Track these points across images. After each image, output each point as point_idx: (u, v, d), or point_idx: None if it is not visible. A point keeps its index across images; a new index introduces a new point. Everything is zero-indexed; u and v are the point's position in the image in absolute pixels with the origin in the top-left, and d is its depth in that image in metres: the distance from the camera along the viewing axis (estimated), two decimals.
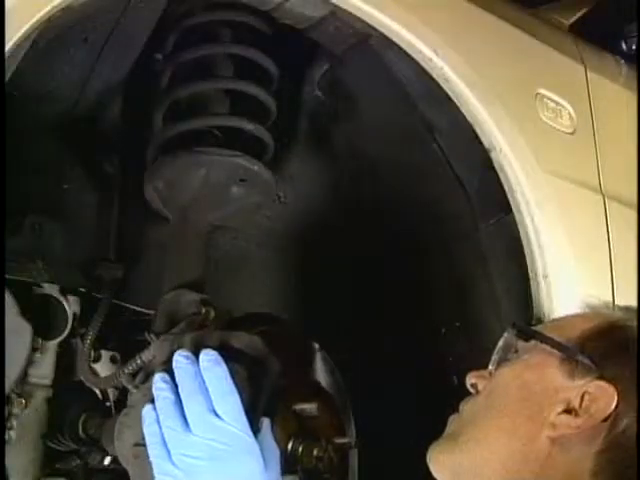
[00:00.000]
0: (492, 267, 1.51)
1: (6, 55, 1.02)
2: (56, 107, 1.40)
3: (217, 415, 0.96)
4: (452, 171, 1.51)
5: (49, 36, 1.14)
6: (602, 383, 0.98)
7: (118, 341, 1.53)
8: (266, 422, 1.02)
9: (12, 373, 1.30)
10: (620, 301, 1.49)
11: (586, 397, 0.98)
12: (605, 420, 0.97)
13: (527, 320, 1.41)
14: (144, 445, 0.99)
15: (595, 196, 1.56)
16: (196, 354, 1.01)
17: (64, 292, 1.43)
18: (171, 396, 0.98)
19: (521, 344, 1.08)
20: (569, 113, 1.58)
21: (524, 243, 1.44)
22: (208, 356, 1.00)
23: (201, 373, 0.99)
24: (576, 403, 0.98)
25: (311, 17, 1.37)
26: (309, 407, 1.10)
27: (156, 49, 1.45)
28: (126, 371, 1.21)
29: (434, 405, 1.24)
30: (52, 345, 1.42)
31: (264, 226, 1.71)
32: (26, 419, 1.38)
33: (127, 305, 1.50)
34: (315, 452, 1.11)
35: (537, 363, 1.04)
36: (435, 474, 1.09)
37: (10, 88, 1.07)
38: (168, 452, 0.95)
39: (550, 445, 0.98)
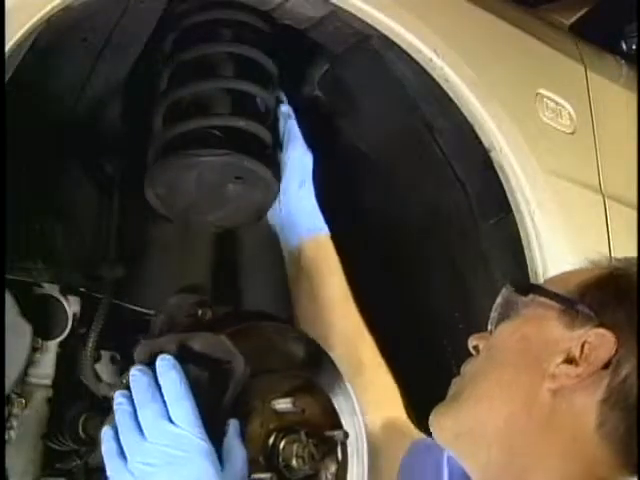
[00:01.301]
0: (492, 267, 1.51)
1: (6, 55, 1.02)
2: (56, 107, 1.40)
3: (171, 421, 0.97)
4: (452, 171, 1.51)
5: (49, 36, 1.14)
6: (602, 330, 0.96)
7: (118, 341, 1.52)
8: (232, 423, 1.01)
9: (12, 373, 1.30)
10: None
11: (586, 346, 0.96)
12: (606, 367, 0.95)
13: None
14: None
15: (595, 196, 1.57)
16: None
17: (64, 292, 1.43)
18: (129, 409, 0.99)
19: (520, 300, 1.06)
20: (569, 113, 1.59)
21: (524, 243, 1.44)
22: (163, 361, 1.01)
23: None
24: (576, 352, 0.97)
25: (311, 17, 1.37)
26: (285, 403, 1.10)
27: (156, 49, 1.45)
28: (124, 381, 1.21)
29: (434, 405, 1.24)
30: (52, 345, 1.42)
31: (264, 226, 1.71)
32: (26, 419, 1.38)
33: (127, 305, 1.50)
34: (295, 448, 1.11)
35: (536, 316, 1.03)
36: (437, 438, 1.07)
37: (10, 88, 1.08)
38: (125, 462, 0.96)
39: (552, 398, 0.97)
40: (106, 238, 1.47)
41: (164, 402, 0.98)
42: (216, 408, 1.02)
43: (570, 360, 0.97)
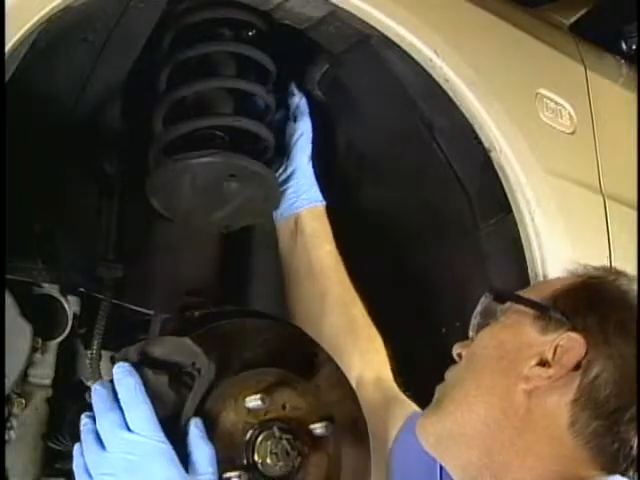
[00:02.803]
0: (492, 267, 1.51)
1: (6, 55, 1.02)
2: (56, 107, 1.40)
3: (129, 428, 0.98)
4: (452, 171, 1.51)
5: (49, 36, 1.14)
6: (573, 334, 1.02)
7: (118, 341, 1.52)
8: (194, 422, 1.02)
9: (12, 373, 1.30)
10: None
11: (558, 349, 1.02)
12: (576, 369, 1.01)
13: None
14: None
15: (595, 196, 1.57)
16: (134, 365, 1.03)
17: (64, 292, 1.43)
18: (92, 426, 1.00)
19: (498, 307, 1.13)
20: (569, 113, 1.58)
21: (524, 243, 1.44)
22: (118, 369, 1.03)
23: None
24: (549, 355, 1.03)
25: (311, 17, 1.37)
26: (254, 400, 1.10)
27: (156, 49, 1.45)
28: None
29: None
30: (52, 345, 1.42)
31: (264, 226, 1.71)
32: (26, 419, 1.38)
33: (127, 305, 1.50)
34: (269, 444, 1.11)
35: (512, 322, 1.10)
36: (422, 444, 1.12)
37: (10, 88, 1.08)
38: (90, 477, 0.98)
39: (527, 399, 1.02)
40: (106, 238, 1.47)
41: (122, 410, 1.00)
42: (180, 410, 1.02)
43: (543, 363, 1.03)
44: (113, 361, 1.52)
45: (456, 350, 1.16)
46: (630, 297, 1.08)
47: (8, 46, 1.02)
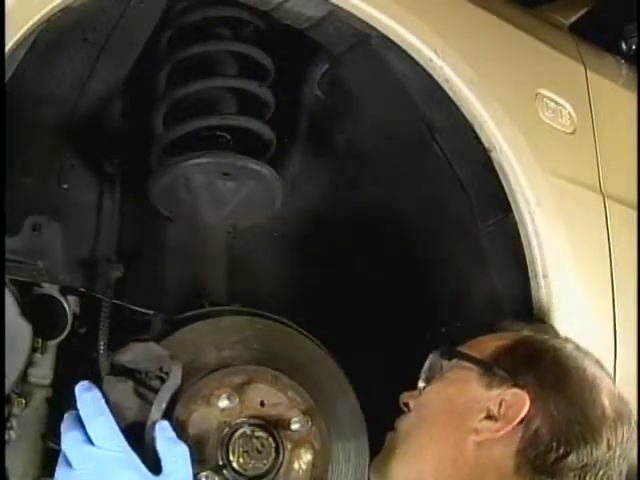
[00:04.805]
0: (492, 267, 1.51)
1: (6, 55, 1.02)
2: (56, 107, 1.40)
3: (91, 442, 1.00)
4: (452, 171, 1.51)
5: (49, 36, 1.14)
6: (516, 390, 1.12)
7: (118, 341, 1.52)
8: (159, 425, 1.03)
9: (12, 373, 1.30)
10: (620, 301, 1.50)
11: (503, 404, 1.12)
12: (520, 422, 1.10)
13: (527, 319, 1.41)
14: None
15: (595, 196, 1.56)
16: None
17: (64, 292, 1.43)
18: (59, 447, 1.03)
19: (445, 363, 1.22)
20: (569, 113, 1.58)
21: (524, 243, 1.44)
22: (79, 386, 1.05)
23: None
24: (495, 410, 1.12)
25: (311, 17, 1.37)
26: (224, 399, 1.10)
27: (156, 49, 1.45)
28: None
29: None
30: (52, 345, 1.41)
31: (264, 226, 1.71)
32: (26, 419, 1.38)
33: (127, 305, 1.50)
34: (241, 442, 1.11)
35: (459, 378, 1.19)
36: None
37: (10, 88, 1.07)
38: None
39: (476, 450, 1.11)
40: (106, 238, 1.47)
41: (84, 427, 1.01)
42: (147, 415, 1.02)
43: (490, 416, 1.12)
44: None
45: (403, 399, 1.24)
46: (562, 355, 1.19)
47: (8, 46, 1.02)
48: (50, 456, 1.44)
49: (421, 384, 1.24)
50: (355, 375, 1.50)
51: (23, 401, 1.37)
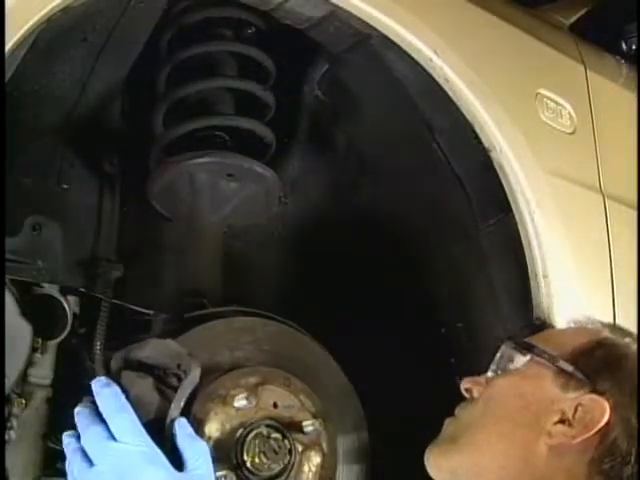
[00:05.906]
0: (492, 267, 1.51)
1: (6, 55, 1.02)
2: (56, 107, 1.40)
3: (114, 438, 0.98)
4: (452, 171, 1.51)
5: (49, 36, 1.14)
6: (595, 396, 1.06)
7: (118, 341, 1.52)
8: (178, 422, 1.02)
9: (12, 373, 1.30)
10: (620, 301, 1.49)
11: (579, 409, 1.06)
12: (598, 431, 1.04)
13: (527, 321, 1.41)
14: None
15: (595, 196, 1.56)
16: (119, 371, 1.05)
17: (64, 292, 1.43)
18: (75, 445, 1.00)
19: (517, 356, 1.16)
20: (569, 113, 1.58)
21: (524, 243, 1.43)
22: (96, 383, 1.03)
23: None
24: (570, 414, 1.06)
25: (311, 17, 1.37)
26: (240, 399, 1.10)
27: (156, 49, 1.45)
28: None
29: (434, 405, 1.24)
30: (52, 345, 1.41)
31: (264, 226, 1.71)
32: (26, 419, 1.38)
33: (127, 305, 1.50)
34: (257, 443, 1.11)
35: (533, 375, 1.13)
36: (433, 475, 1.14)
37: (10, 88, 1.07)
38: None
39: (548, 452, 1.06)
40: (106, 238, 1.47)
41: (105, 423, 0.99)
42: (165, 412, 1.02)
43: (564, 420, 1.06)
44: (107, 365, 1.52)
45: (465, 384, 1.18)
46: None
47: (8, 46, 1.02)
48: (50, 456, 1.45)
49: (490, 374, 1.18)
50: (355, 375, 1.50)
51: (23, 401, 1.37)
